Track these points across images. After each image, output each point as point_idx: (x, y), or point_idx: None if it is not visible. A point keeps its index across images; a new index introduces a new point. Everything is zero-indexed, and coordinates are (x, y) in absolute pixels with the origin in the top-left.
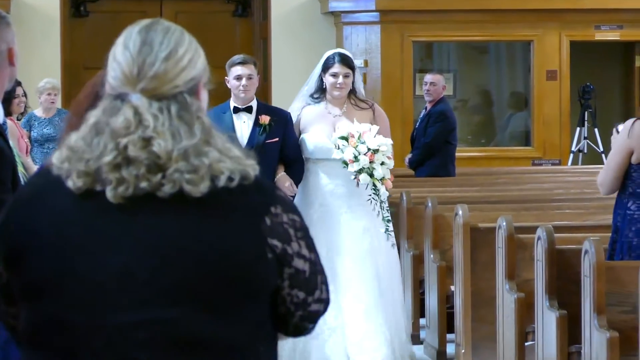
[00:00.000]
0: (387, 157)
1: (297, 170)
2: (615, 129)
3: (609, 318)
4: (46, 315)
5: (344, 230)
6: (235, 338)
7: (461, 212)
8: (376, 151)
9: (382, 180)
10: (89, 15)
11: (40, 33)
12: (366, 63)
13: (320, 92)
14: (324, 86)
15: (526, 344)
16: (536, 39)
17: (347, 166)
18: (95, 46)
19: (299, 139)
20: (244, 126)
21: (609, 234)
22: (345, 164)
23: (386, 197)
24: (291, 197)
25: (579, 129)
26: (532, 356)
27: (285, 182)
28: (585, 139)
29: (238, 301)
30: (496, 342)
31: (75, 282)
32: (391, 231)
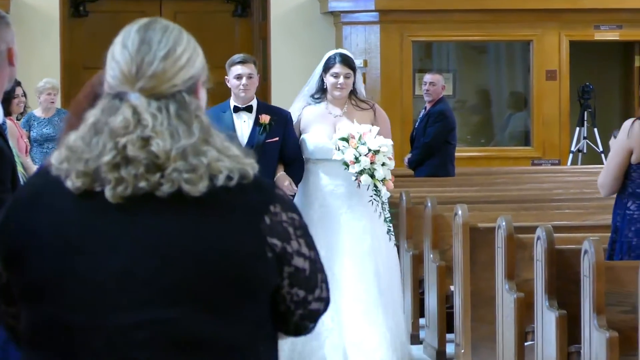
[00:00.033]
0: (387, 158)
1: (297, 170)
2: (613, 135)
3: (609, 318)
4: (46, 315)
5: (344, 231)
6: (236, 338)
7: (461, 212)
8: (377, 152)
9: (383, 181)
10: (88, 15)
11: (39, 33)
12: (365, 63)
13: (321, 93)
14: (324, 86)
15: (526, 343)
16: (536, 38)
17: (348, 167)
18: (95, 46)
19: (300, 139)
20: (244, 125)
21: (609, 234)
22: (346, 165)
23: (387, 198)
24: (290, 196)
25: (578, 128)
26: (531, 356)
27: (284, 182)
28: (585, 138)
29: (238, 301)
30: (496, 342)
31: (75, 282)
32: (392, 232)
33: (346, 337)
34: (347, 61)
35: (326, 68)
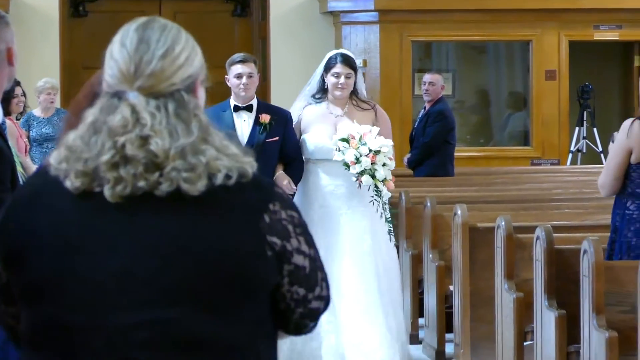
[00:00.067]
0: (388, 159)
1: (296, 170)
2: (611, 140)
3: (608, 318)
4: (46, 315)
5: (343, 231)
6: (236, 338)
7: (460, 212)
8: (377, 152)
9: (384, 182)
10: (88, 15)
11: (39, 33)
12: (365, 63)
13: (322, 92)
14: (325, 86)
15: (525, 343)
16: (535, 38)
17: (349, 168)
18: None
19: (300, 139)
20: (244, 125)
21: (608, 234)
22: (347, 165)
23: (388, 198)
24: (290, 196)
25: (577, 128)
26: (531, 356)
27: (283, 181)
28: (584, 138)
29: (238, 300)
30: (495, 342)
31: (75, 282)
32: (393, 232)
33: (346, 337)
34: (348, 61)
35: (327, 68)
